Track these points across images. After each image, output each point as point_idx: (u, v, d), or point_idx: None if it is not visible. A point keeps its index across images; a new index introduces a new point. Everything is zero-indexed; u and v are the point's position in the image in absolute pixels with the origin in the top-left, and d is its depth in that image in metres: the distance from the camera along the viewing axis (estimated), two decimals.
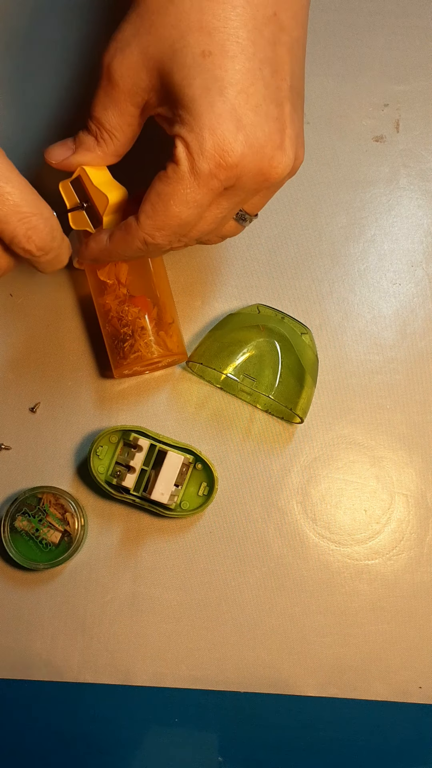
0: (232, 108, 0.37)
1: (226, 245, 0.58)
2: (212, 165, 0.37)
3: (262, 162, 0.38)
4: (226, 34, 0.37)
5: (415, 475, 0.56)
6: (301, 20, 0.40)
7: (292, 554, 0.55)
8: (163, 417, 0.56)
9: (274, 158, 0.38)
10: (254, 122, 0.37)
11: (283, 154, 0.39)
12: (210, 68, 0.37)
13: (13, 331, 0.57)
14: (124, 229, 0.41)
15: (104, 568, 0.55)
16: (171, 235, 0.40)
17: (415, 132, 0.59)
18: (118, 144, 0.42)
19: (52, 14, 0.58)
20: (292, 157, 0.40)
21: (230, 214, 0.42)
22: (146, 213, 0.39)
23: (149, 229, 0.40)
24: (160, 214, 0.39)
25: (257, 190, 0.41)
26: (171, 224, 0.39)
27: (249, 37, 0.37)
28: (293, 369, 0.53)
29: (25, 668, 0.55)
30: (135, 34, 0.38)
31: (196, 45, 0.37)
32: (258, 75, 0.37)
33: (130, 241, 0.41)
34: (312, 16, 0.59)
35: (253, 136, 0.37)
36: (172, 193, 0.38)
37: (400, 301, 0.58)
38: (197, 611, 0.55)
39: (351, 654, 0.55)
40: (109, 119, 0.41)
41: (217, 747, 0.54)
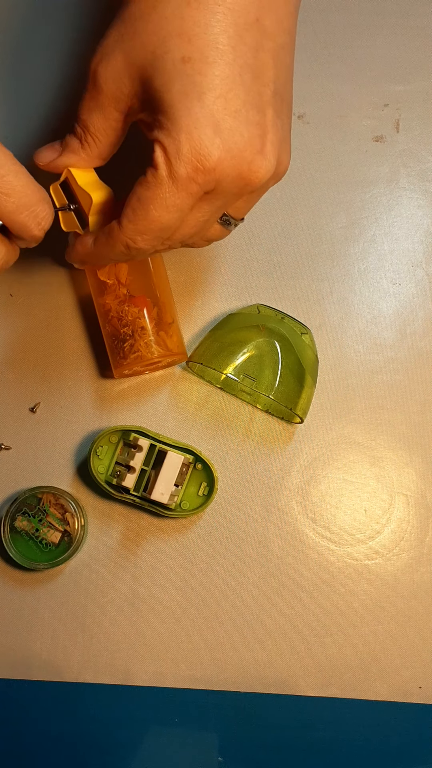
0: (210, 113, 0.37)
1: (226, 245, 0.58)
2: (190, 169, 0.37)
3: (241, 166, 0.38)
4: (206, 41, 0.37)
5: (415, 475, 0.56)
6: (287, 27, 0.40)
7: (292, 554, 0.55)
8: (163, 417, 0.56)
9: (253, 163, 0.38)
10: (232, 127, 0.37)
11: (263, 159, 0.39)
12: (189, 74, 0.37)
13: (13, 331, 0.57)
14: (107, 233, 0.41)
15: (104, 568, 0.55)
16: (153, 239, 0.40)
17: (415, 132, 0.59)
18: (101, 147, 0.42)
19: (45, 17, 0.58)
20: (274, 162, 0.39)
21: (213, 218, 0.42)
22: (128, 217, 0.40)
23: (131, 233, 0.40)
24: (141, 218, 0.39)
25: (239, 195, 0.41)
26: (152, 228, 0.39)
27: (229, 43, 0.37)
28: (293, 369, 0.53)
29: (25, 668, 0.55)
30: (119, 40, 0.39)
31: (177, 51, 0.37)
32: (238, 80, 0.37)
33: (113, 245, 0.41)
34: (312, 16, 0.59)
35: (231, 140, 0.37)
36: (152, 198, 0.38)
37: (400, 301, 0.58)
38: (197, 611, 0.55)
39: (351, 654, 0.55)
40: (94, 123, 0.41)
41: (217, 747, 0.54)
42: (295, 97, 0.58)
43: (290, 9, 0.40)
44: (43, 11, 0.58)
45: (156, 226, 0.39)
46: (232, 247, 0.58)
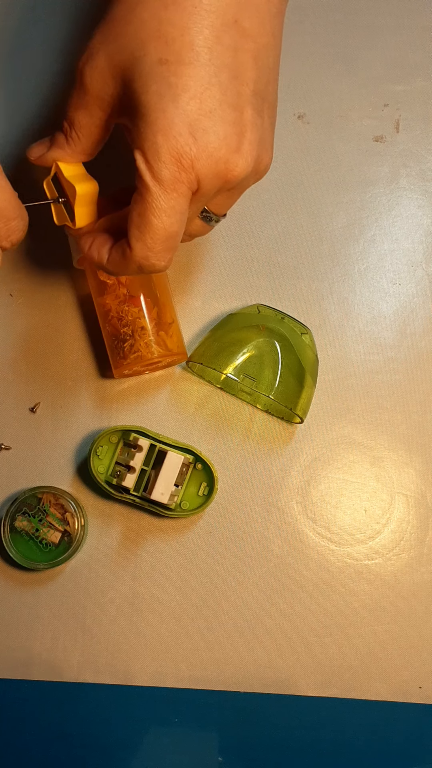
0: (185, 113, 0.37)
1: (227, 246, 0.58)
2: (172, 170, 0.38)
3: (218, 165, 0.39)
4: (183, 42, 0.37)
5: (415, 475, 0.56)
6: (269, 28, 0.40)
7: (292, 554, 0.55)
8: (163, 417, 0.56)
9: (230, 161, 0.39)
10: (207, 127, 0.38)
11: (240, 157, 0.39)
12: (165, 75, 0.37)
13: (13, 331, 0.57)
14: (120, 253, 0.42)
15: (104, 568, 0.55)
16: (163, 251, 0.41)
17: (415, 132, 0.59)
18: (86, 143, 0.43)
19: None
20: (251, 161, 0.40)
21: (195, 214, 0.43)
22: (134, 236, 0.40)
23: (141, 252, 0.40)
24: (146, 233, 0.40)
25: (220, 191, 0.41)
26: (159, 238, 0.40)
27: (205, 44, 0.37)
28: (293, 369, 0.53)
29: (25, 668, 0.55)
30: (102, 42, 0.39)
31: (154, 53, 0.38)
32: (214, 81, 0.38)
33: (127, 265, 0.42)
34: (312, 16, 0.59)
35: (206, 140, 0.38)
36: (147, 208, 0.39)
37: (400, 301, 0.58)
38: (197, 611, 0.55)
39: (351, 654, 0.55)
40: (80, 119, 0.42)
41: (217, 747, 0.54)
42: (295, 97, 0.59)
43: (272, 10, 0.40)
44: (39, 9, 0.58)
45: (162, 235, 0.40)
46: (232, 247, 0.58)
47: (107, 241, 0.43)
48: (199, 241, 0.58)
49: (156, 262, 0.41)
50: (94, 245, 0.44)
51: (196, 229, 0.46)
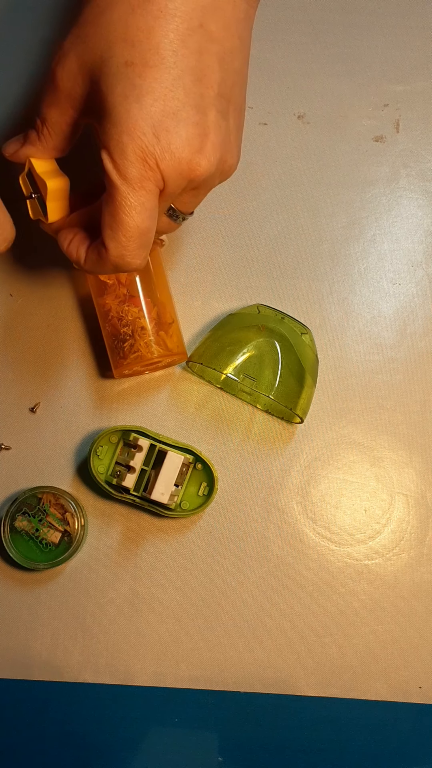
0: (148, 114, 0.38)
1: (227, 246, 0.58)
2: (139, 168, 0.39)
3: (181, 165, 0.40)
4: (148, 45, 0.38)
5: (415, 475, 0.56)
6: (235, 31, 0.41)
7: (292, 554, 0.55)
8: (163, 417, 0.56)
9: (192, 161, 0.40)
10: (170, 127, 0.39)
11: (202, 158, 0.40)
12: (131, 77, 0.38)
13: (13, 331, 0.57)
14: (96, 254, 0.43)
15: (104, 568, 0.55)
16: (137, 249, 0.41)
17: (415, 132, 0.59)
18: (57, 140, 0.44)
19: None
20: (214, 161, 0.41)
21: (160, 213, 0.44)
22: (108, 236, 0.41)
23: (116, 251, 0.41)
24: (119, 232, 0.40)
25: (185, 190, 0.42)
26: (132, 235, 0.41)
27: (170, 47, 0.38)
28: (293, 369, 0.53)
29: (25, 668, 0.55)
30: (73, 43, 0.40)
31: (120, 55, 0.39)
32: (178, 83, 0.39)
33: (103, 265, 0.43)
34: (312, 16, 0.59)
35: (168, 140, 0.39)
36: (118, 206, 0.40)
37: (400, 301, 0.58)
38: (197, 611, 0.55)
39: (351, 654, 0.55)
40: (52, 117, 0.43)
41: (217, 747, 0.54)
42: (295, 97, 0.59)
43: (239, 15, 0.41)
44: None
45: (135, 233, 0.41)
46: (232, 247, 0.58)
47: (85, 240, 0.44)
48: (199, 241, 0.58)
49: (131, 260, 0.42)
50: (72, 244, 0.45)
51: (163, 227, 0.46)
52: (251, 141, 0.59)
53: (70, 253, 0.45)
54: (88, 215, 0.45)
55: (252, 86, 0.59)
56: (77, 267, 0.45)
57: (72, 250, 0.45)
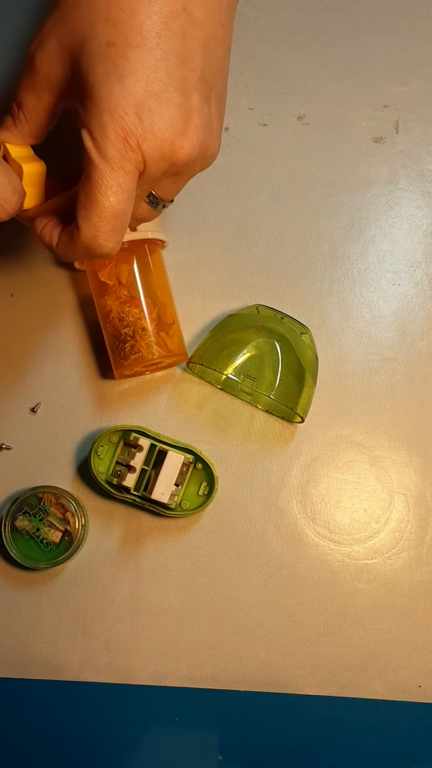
0: (131, 94, 0.38)
1: (226, 245, 0.58)
2: (119, 147, 0.38)
3: (163, 147, 0.39)
4: (131, 26, 0.38)
5: (414, 474, 0.56)
6: (218, 18, 0.41)
7: (292, 554, 0.56)
8: (163, 417, 0.57)
9: (174, 143, 0.39)
10: (152, 108, 0.38)
11: (185, 140, 0.40)
12: (113, 57, 0.38)
13: (13, 331, 0.57)
14: (68, 235, 0.42)
15: (104, 568, 0.55)
16: (110, 231, 0.41)
17: (414, 133, 0.59)
18: (33, 125, 0.44)
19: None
20: (197, 144, 0.40)
21: (140, 197, 0.43)
22: (81, 216, 0.40)
23: (89, 231, 0.41)
24: (93, 211, 0.40)
25: (165, 174, 0.42)
26: (107, 216, 0.40)
27: (153, 29, 0.38)
28: (293, 369, 0.53)
29: (25, 668, 0.55)
30: (54, 25, 0.40)
31: (103, 36, 0.38)
32: (161, 65, 0.38)
33: (75, 248, 0.42)
34: (312, 16, 0.59)
35: (151, 121, 0.39)
36: (94, 186, 0.39)
37: (399, 301, 0.58)
38: (197, 611, 0.55)
39: (351, 653, 0.55)
40: (28, 102, 0.43)
41: (217, 747, 0.54)
42: (295, 98, 0.59)
43: (222, 3, 0.41)
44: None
45: (109, 213, 0.40)
46: (232, 247, 0.58)
47: (58, 225, 0.44)
48: (199, 241, 0.58)
49: (103, 242, 0.41)
50: (46, 228, 0.44)
51: (142, 213, 0.46)
52: (251, 141, 0.59)
53: (44, 236, 0.44)
54: (64, 201, 0.45)
55: (252, 87, 0.59)
56: (50, 252, 0.44)
57: (45, 234, 0.44)
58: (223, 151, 0.59)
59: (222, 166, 0.58)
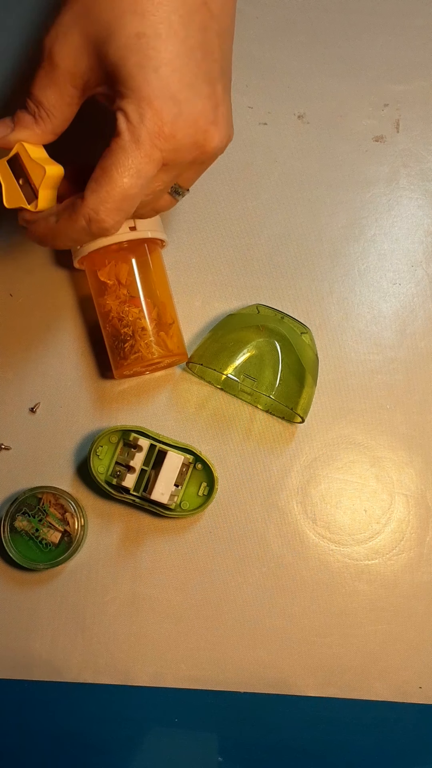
0: (167, 84, 0.39)
1: (226, 245, 0.58)
2: (152, 135, 0.40)
3: (197, 135, 0.41)
4: (158, 18, 0.39)
5: (415, 475, 0.56)
6: (228, 11, 0.43)
7: (292, 554, 0.55)
8: (163, 417, 0.56)
9: (208, 132, 0.41)
10: (188, 98, 0.40)
11: (216, 129, 0.42)
12: (143, 48, 0.39)
13: (13, 331, 0.57)
14: (70, 207, 0.42)
15: (104, 568, 0.55)
16: (115, 210, 0.41)
17: (414, 132, 0.59)
18: (56, 122, 0.44)
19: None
20: (225, 133, 0.43)
21: (167, 188, 0.45)
22: (91, 188, 0.41)
23: (93, 203, 0.41)
24: (104, 186, 0.41)
25: (192, 164, 0.43)
26: (114, 196, 0.41)
27: (181, 22, 0.39)
28: (294, 368, 0.53)
29: (25, 668, 0.55)
30: (75, 18, 0.40)
31: (131, 26, 0.39)
32: (190, 56, 0.40)
33: (75, 219, 0.42)
34: (312, 16, 0.59)
35: (188, 110, 0.40)
36: (114, 164, 0.40)
37: (400, 301, 0.58)
38: (197, 611, 0.55)
39: (351, 654, 0.55)
40: (48, 98, 0.43)
41: (217, 747, 0.54)
42: (295, 97, 0.59)
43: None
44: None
45: (118, 193, 0.41)
46: (232, 247, 0.58)
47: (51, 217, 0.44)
48: (199, 241, 0.58)
49: (104, 217, 0.41)
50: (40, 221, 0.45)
51: (164, 204, 0.47)
52: (251, 141, 0.59)
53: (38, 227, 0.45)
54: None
55: (252, 86, 0.59)
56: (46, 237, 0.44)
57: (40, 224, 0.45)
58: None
59: (222, 165, 0.58)
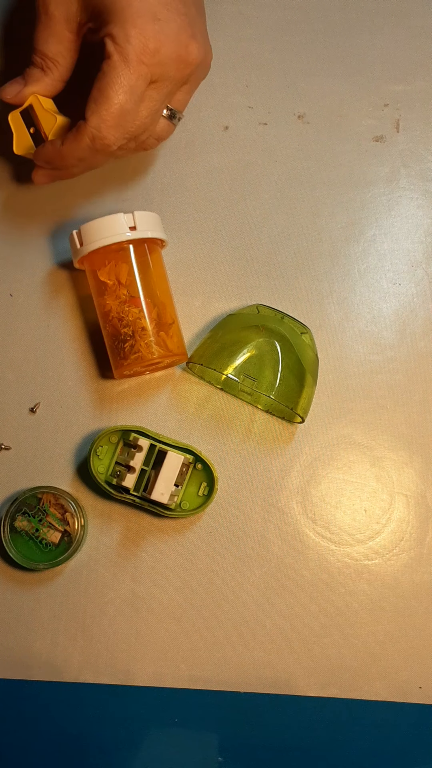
0: (147, 5, 0.45)
1: (226, 245, 0.58)
2: (138, 51, 0.45)
3: (179, 49, 0.47)
4: None
5: (415, 475, 0.56)
6: None
7: (292, 554, 0.55)
8: (163, 417, 0.56)
9: (189, 45, 0.47)
10: (167, 17, 0.46)
11: (195, 42, 0.47)
12: None
13: (13, 331, 0.57)
14: (75, 129, 0.48)
15: (104, 568, 0.55)
16: (115, 126, 0.47)
17: (415, 132, 0.59)
18: (62, 69, 0.50)
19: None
20: (203, 48, 0.48)
21: (161, 107, 0.49)
22: (91, 109, 0.46)
23: (95, 122, 0.46)
24: (102, 105, 0.46)
25: (180, 79, 0.48)
26: (113, 112, 0.46)
27: None
28: (294, 368, 0.53)
29: (25, 668, 0.55)
30: None
31: None
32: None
33: (79, 139, 0.47)
34: (312, 16, 0.59)
35: (168, 27, 0.46)
36: (109, 83, 0.45)
37: (400, 301, 0.58)
38: (197, 611, 0.55)
39: (351, 654, 0.55)
40: (51, 48, 0.49)
41: (217, 747, 0.54)
42: (295, 97, 0.59)
43: None
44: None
45: (116, 110, 0.46)
46: (232, 247, 0.58)
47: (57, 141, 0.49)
48: (199, 241, 0.58)
49: (106, 134, 0.47)
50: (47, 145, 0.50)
51: (163, 130, 0.51)
52: (251, 141, 0.59)
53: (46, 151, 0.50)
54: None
55: (252, 86, 0.59)
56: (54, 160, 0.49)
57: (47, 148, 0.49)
58: (223, 150, 0.59)
59: (222, 165, 0.58)
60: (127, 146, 0.50)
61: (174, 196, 0.58)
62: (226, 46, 0.58)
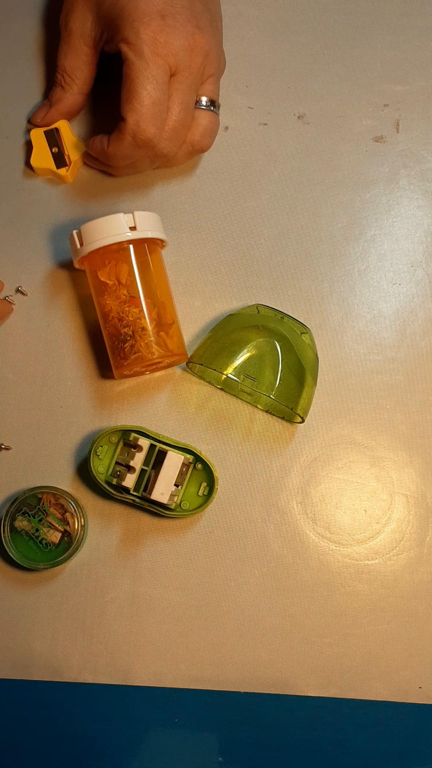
0: (154, 7, 0.49)
1: (226, 245, 0.58)
2: (150, 44, 0.49)
3: (187, 38, 0.50)
4: None
5: (415, 475, 0.56)
6: None
7: (292, 554, 0.55)
8: (163, 417, 0.56)
9: (195, 35, 0.50)
10: (172, 12, 0.50)
11: (201, 32, 0.51)
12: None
13: (13, 331, 0.57)
14: (116, 131, 0.51)
15: (104, 568, 0.55)
16: (152, 118, 0.49)
17: (414, 132, 0.59)
18: (80, 82, 0.55)
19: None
20: (211, 36, 0.51)
21: (190, 100, 0.52)
22: (125, 109, 0.50)
23: (133, 118, 0.49)
24: (134, 101, 0.49)
25: (199, 69, 0.51)
26: (146, 104, 0.49)
27: None
28: (294, 368, 0.53)
29: (25, 668, 0.55)
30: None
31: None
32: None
33: (122, 138, 0.51)
34: (313, 16, 0.59)
35: (174, 20, 0.50)
36: (134, 81, 0.49)
37: (400, 301, 0.58)
38: (197, 611, 0.55)
39: (351, 654, 0.55)
40: (69, 62, 0.54)
41: (217, 747, 0.54)
42: (295, 97, 0.59)
43: None
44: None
45: (148, 102, 0.49)
46: (232, 247, 0.58)
47: (105, 136, 0.53)
48: (199, 241, 0.58)
49: (145, 127, 0.50)
50: (96, 140, 0.54)
51: (208, 120, 0.54)
52: (251, 141, 0.59)
53: (95, 146, 0.54)
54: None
55: (252, 86, 0.59)
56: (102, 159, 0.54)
57: (96, 144, 0.54)
58: (223, 150, 0.59)
59: (222, 165, 0.58)
60: (183, 150, 0.54)
61: (174, 196, 0.58)
62: (226, 46, 0.58)
